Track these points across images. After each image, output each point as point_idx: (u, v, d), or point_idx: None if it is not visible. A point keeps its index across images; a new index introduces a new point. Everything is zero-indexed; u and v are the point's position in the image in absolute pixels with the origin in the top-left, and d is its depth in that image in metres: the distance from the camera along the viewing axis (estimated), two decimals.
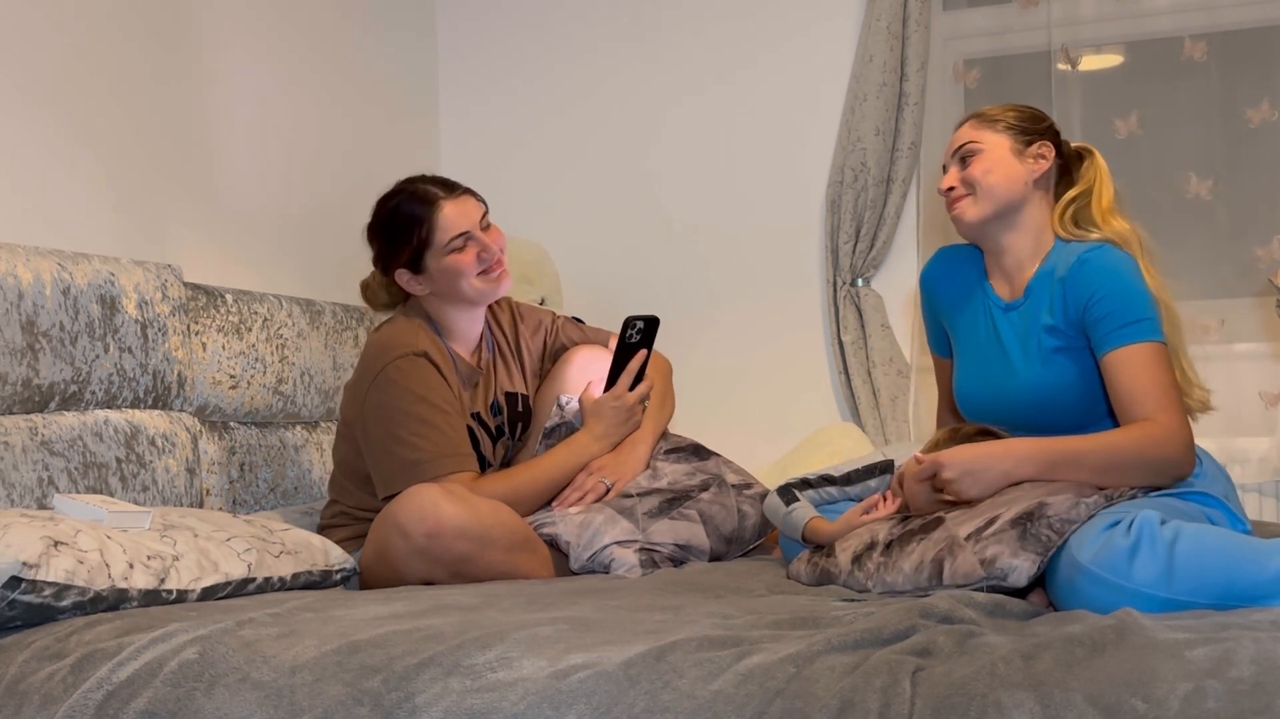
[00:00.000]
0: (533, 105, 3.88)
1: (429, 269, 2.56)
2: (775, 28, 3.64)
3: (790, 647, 1.51)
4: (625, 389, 2.61)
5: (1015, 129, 2.32)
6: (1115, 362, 2.15)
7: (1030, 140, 2.31)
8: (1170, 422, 2.10)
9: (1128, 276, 2.18)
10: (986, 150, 2.31)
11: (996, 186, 2.29)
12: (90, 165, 2.77)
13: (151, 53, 2.92)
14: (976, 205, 2.31)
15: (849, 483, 2.42)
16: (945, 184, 2.35)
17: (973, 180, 2.31)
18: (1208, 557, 1.80)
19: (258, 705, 1.56)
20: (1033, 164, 2.31)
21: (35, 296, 2.31)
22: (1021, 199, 2.30)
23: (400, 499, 2.31)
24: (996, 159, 2.30)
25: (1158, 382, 2.12)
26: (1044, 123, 2.35)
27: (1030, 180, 2.30)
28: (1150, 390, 2.11)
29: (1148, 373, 2.12)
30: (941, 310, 2.47)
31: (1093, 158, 2.35)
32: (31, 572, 1.78)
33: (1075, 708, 1.35)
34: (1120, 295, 2.17)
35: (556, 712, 1.45)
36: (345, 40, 3.55)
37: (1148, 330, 2.15)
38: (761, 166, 3.65)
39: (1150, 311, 2.16)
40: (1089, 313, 2.18)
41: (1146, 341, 2.14)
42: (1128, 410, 2.12)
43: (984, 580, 1.91)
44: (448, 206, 2.54)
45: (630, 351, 2.62)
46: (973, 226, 2.33)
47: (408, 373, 2.48)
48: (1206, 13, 3.32)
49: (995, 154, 2.31)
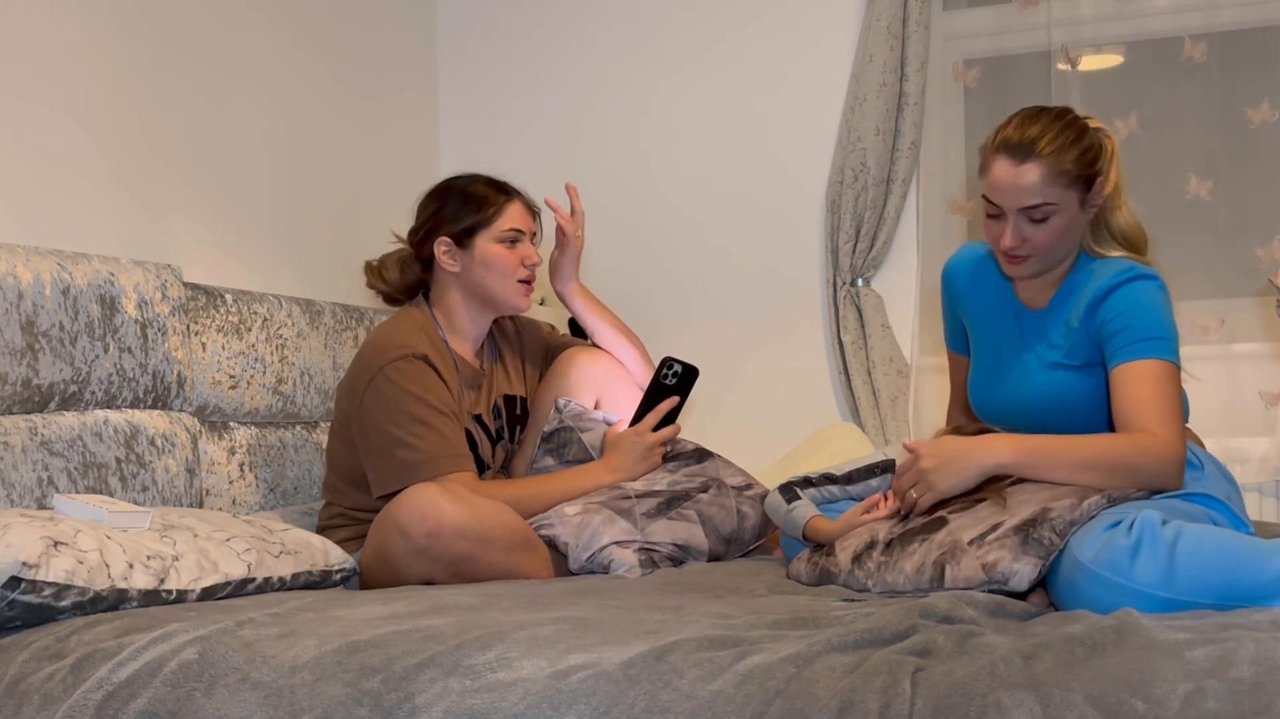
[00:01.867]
0: (532, 106, 3.88)
1: (474, 249, 2.59)
2: (775, 28, 3.64)
3: (790, 647, 1.51)
4: (649, 428, 2.60)
5: (1083, 180, 2.16)
6: (1123, 374, 2.11)
7: (1090, 182, 2.17)
8: (1167, 435, 2.06)
9: (1154, 302, 2.15)
10: (1061, 210, 2.15)
11: (1067, 244, 2.20)
12: (90, 165, 2.77)
13: (152, 52, 2.92)
14: (1040, 263, 2.21)
15: (850, 482, 2.42)
16: (1009, 242, 2.17)
17: (1042, 244, 2.17)
18: (1209, 557, 1.80)
19: (258, 706, 1.56)
20: (1093, 209, 2.21)
21: (35, 296, 2.31)
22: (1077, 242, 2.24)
23: (401, 499, 2.31)
24: (1069, 220, 2.17)
25: (1162, 397, 2.08)
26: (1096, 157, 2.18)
27: (1087, 223, 2.22)
28: (1152, 403, 2.08)
29: (1153, 388, 2.09)
30: (962, 306, 2.44)
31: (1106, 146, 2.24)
32: (31, 572, 1.78)
33: (1075, 708, 1.35)
34: (1141, 313, 2.13)
35: (556, 712, 1.45)
36: (345, 39, 3.54)
37: (1162, 349, 2.11)
38: (761, 166, 3.65)
39: (1168, 333, 2.13)
40: (1105, 327, 2.15)
41: (1158, 359, 2.11)
42: (1126, 420, 2.09)
43: (985, 585, 1.91)
44: (518, 204, 2.65)
45: (663, 392, 2.62)
46: (1030, 276, 2.24)
47: (405, 374, 2.47)
48: (1206, 13, 3.31)
49: (1068, 213, 2.16)
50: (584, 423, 2.66)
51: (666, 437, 2.62)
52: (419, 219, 2.66)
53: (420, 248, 2.65)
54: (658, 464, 2.61)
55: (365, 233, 2.77)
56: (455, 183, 2.67)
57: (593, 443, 2.64)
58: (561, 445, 2.66)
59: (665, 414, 2.62)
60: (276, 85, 3.29)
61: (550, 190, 3.62)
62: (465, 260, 2.60)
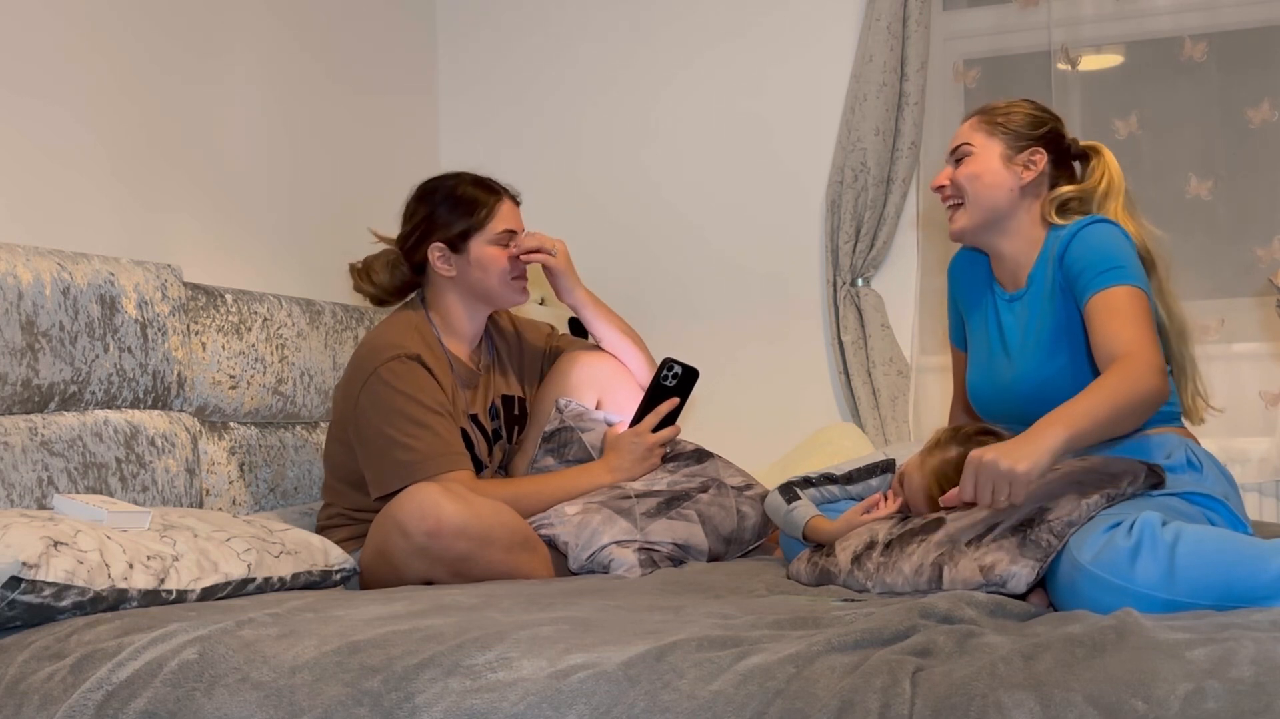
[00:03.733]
0: (532, 106, 3.88)
1: (469, 253, 2.59)
2: (775, 28, 3.64)
3: (790, 647, 1.51)
4: (649, 429, 2.60)
5: (1011, 134, 2.32)
6: (1092, 308, 2.15)
7: (1023, 147, 2.31)
8: (1145, 355, 2.06)
9: (1109, 238, 2.20)
10: (977, 154, 2.33)
11: (982, 194, 2.31)
12: (90, 165, 2.77)
13: (152, 52, 2.92)
14: (966, 214, 2.34)
15: (850, 482, 2.42)
16: (936, 182, 2.38)
17: (959, 184, 2.33)
18: (1208, 557, 1.80)
19: (258, 706, 1.56)
20: (1021, 171, 2.31)
21: (35, 296, 2.31)
22: (1009, 206, 2.31)
23: (401, 498, 2.31)
24: (984, 166, 2.32)
25: (1131, 319, 2.11)
26: (1044, 127, 2.34)
27: (1017, 188, 2.31)
28: (1124, 328, 2.10)
29: (1123, 314, 2.11)
30: (960, 302, 2.50)
31: (1100, 158, 2.35)
32: (31, 572, 1.78)
33: (1075, 708, 1.35)
34: (1098, 250, 2.18)
35: (556, 712, 1.45)
36: (345, 39, 3.54)
37: (1121, 276, 2.15)
38: (761, 166, 3.65)
39: (1125, 260, 2.17)
40: (1070, 270, 2.21)
41: (1118, 285, 2.14)
42: (1105, 352, 2.10)
43: (983, 587, 1.91)
44: (508, 203, 2.65)
45: (663, 394, 2.62)
46: (963, 234, 2.36)
47: (400, 374, 2.47)
48: (1206, 13, 3.31)
49: (984, 159, 2.32)
50: (585, 423, 2.66)
51: (666, 437, 2.62)
52: (409, 224, 2.65)
53: (412, 253, 2.64)
54: (657, 465, 2.61)
55: (365, 233, 2.77)
56: (442, 185, 2.66)
57: (593, 443, 2.64)
58: (562, 445, 2.66)
59: (665, 415, 2.62)
60: (277, 85, 3.29)
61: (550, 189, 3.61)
62: (461, 264, 2.60)
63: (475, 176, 2.68)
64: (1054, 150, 2.34)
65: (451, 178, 2.68)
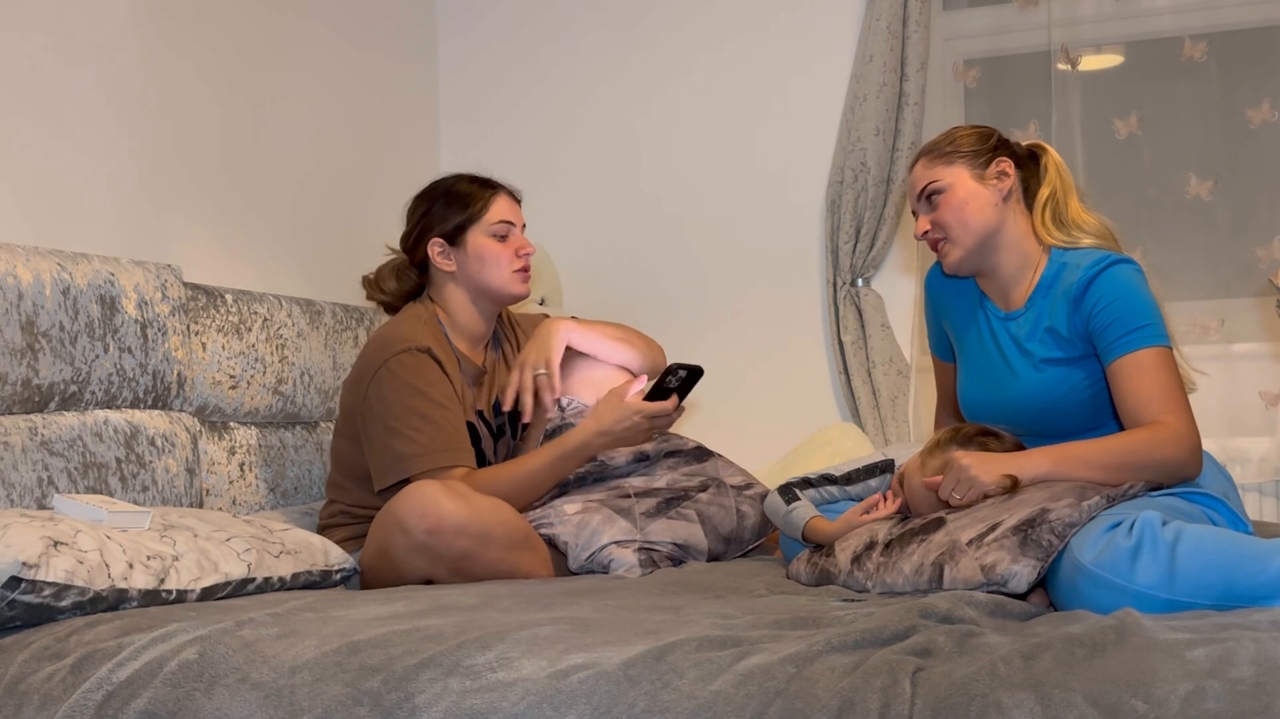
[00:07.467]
0: (532, 106, 3.88)
1: (466, 246, 2.61)
2: (775, 28, 3.64)
3: (790, 647, 1.51)
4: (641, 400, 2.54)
5: (969, 155, 2.30)
6: (1121, 368, 2.15)
7: (986, 162, 2.30)
8: (1178, 423, 2.10)
9: (1134, 287, 2.19)
10: (951, 186, 2.29)
11: (971, 220, 2.29)
12: (90, 165, 2.77)
13: (152, 52, 2.92)
14: (958, 247, 2.30)
15: (850, 482, 2.43)
16: (919, 230, 2.33)
17: (945, 223, 2.30)
18: (1209, 557, 1.80)
19: (258, 706, 1.56)
20: (996, 183, 2.30)
21: (35, 296, 2.31)
22: (998, 221, 2.30)
23: (401, 495, 2.31)
24: (964, 192, 2.29)
25: (1164, 385, 2.12)
26: (991, 138, 2.33)
27: (999, 200, 2.30)
28: (1156, 394, 2.11)
29: (1154, 377, 2.12)
30: (944, 315, 2.47)
31: (1046, 154, 2.35)
32: (31, 572, 1.78)
33: (1075, 708, 1.35)
34: (1124, 303, 2.17)
35: (556, 712, 1.45)
36: (345, 40, 3.54)
37: (1152, 336, 2.15)
38: (761, 166, 3.65)
39: (1154, 318, 2.16)
40: (1094, 321, 2.19)
41: (1151, 347, 2.14)
42: (1134, 415, 2.12)
43: (984, 586, 1.91)
44: (504, 197, 2.68)
45: (664, 395, 2.59)
46: (960, 266, 2.32)
47: (409, 367, 2.49)
48: (1206, 13, 3.32)
49: (960, 188, 2.29)
50: None
51: (655, 409, 2.44)
52: (409, 224, 2.70)
53: (414, 252, 2.68)
54: (644, 438, 2.50)
55: (365, 233, 2.78)
56: (440, 184, 2.71)
57: None
58: None
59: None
60: (277, 85, 3.29)
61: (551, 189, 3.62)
62: (460, 258, 2.63)
63: (474, 175, 2.71)
64: (1010, 155, 2.33)
65: (451, 177, 2.73)
